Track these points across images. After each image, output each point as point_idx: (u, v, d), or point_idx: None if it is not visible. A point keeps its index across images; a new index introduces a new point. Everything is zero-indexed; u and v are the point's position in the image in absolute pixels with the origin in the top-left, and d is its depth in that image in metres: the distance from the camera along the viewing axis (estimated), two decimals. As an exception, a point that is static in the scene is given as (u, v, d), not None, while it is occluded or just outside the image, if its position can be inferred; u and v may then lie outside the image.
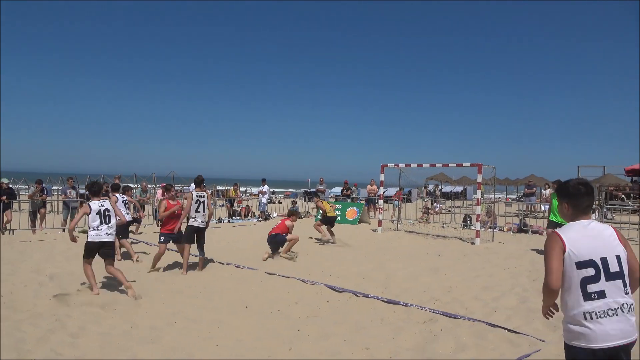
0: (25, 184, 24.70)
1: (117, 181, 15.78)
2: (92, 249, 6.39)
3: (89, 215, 6.34)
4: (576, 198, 2.51)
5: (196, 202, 8.23)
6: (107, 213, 6.42)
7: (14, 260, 8.67)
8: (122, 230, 9.32)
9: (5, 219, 12.56)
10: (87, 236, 6.42)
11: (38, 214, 13.20)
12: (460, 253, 10.40)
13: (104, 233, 6.37)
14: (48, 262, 8.60)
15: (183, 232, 8.33)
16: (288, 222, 9.71)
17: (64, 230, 13.34)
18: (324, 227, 11.81)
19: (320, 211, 12.54)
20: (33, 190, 13.68)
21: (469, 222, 15.96)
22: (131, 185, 13.38)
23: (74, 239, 6.50)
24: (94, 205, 6.37)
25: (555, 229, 2.53)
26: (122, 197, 9.73)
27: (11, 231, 12.51)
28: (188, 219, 8.24)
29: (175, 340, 4.76)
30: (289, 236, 9.57)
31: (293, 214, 10.34)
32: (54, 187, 22.59)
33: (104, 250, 6.40)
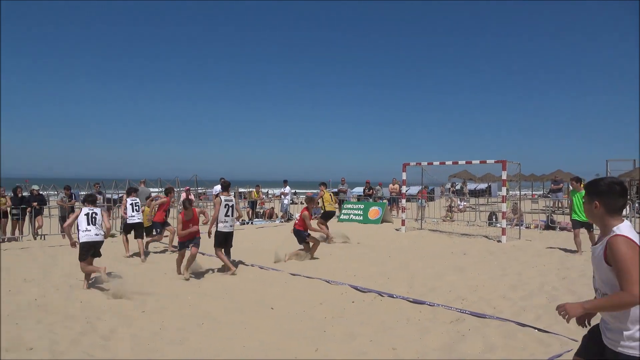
0: (55, 190, 25.38)
1: (142, 185, 16.14)
2: (87, 249, 7.05)
3: (78, 218, 7.10)
4: (609, 197, 2.38)
5: (225, 207, 8.23)
6: (94, 216, 7.14)
7: (45, 264, 8.92)
8: (129, 229, 10.05)
9: (36, 225, 12.96)
10: (78, 238, 7.02)
11: (67, 219, 13.55)
12: (486, 251, 10.23)
13: (93, 234, 7.07)
14: (78, 265, 8.78)
15: (212, 236, 8.29)
16: (304, 212, 9.54)
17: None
18: (324, 227, 11.87)
19: (325, 203, 12.57)
20: (62, 197, 14.07)
21: (494, 219, 15.69)
22: (173, 188, 13.81)
23: (71, 239, 7.34)
24: (84, 209, 7.15)
25: (619, 233, 2.30)
26: (132, 200, 10.18)
27: (42, 236, 12.89)
28: (217, 224, 8.26)
29: (202, 341, 4.81)
30: (311, 235, 9.44)
31: (308, 201, 10.12)
32: (82, 193, 23.16)
33: (94, 249, 7.15)
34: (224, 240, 8.25)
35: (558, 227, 14.02)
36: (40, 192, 14.83)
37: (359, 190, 27.17)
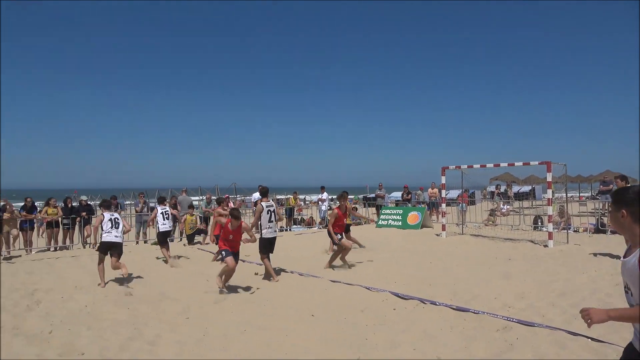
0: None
1: (184, 194, 16.55)
2: (105, 247, 8.07)
3: (103, 222, 8.13)
4: (638, 206, 2.25)
5: (267, 213, 8.27)
6: (116, 221, 8.24)
7: (94, 272, 9.24)
8: (161, 238, 10.45)
9: (85, 233, 13.50)
10: (101, 237, 8.07)
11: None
12: (532, 257, 9.88)
13: (113, 236, 8.12)
14: (126, 274, 9.08)
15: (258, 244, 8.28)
16: (333, 210, 9.22)
17: (137, 242, 14.13)
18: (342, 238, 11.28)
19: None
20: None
21: (540, 223, 15.14)
22: (227, 197, 14.23)
23: (95, 240, 8.46)
24: (107, 214, 8.25)
25: None
26: (163, 209, 10.68)
27: (91, 244, 13.40)
28: (261, 230, 8.30)
29: (245, 348, 4.85)
30: (343, 240, 9.01)
31: (339, 198, 9.51)
32: (127, 202, 24.04)
33: (113, 249, 8.08)
34: (269, 246, 8.30)
35: (609, 230, 13.36)
36: (89, 202, 15.47)
37: (397, 195, 26.88)
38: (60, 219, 13.07)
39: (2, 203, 11.37)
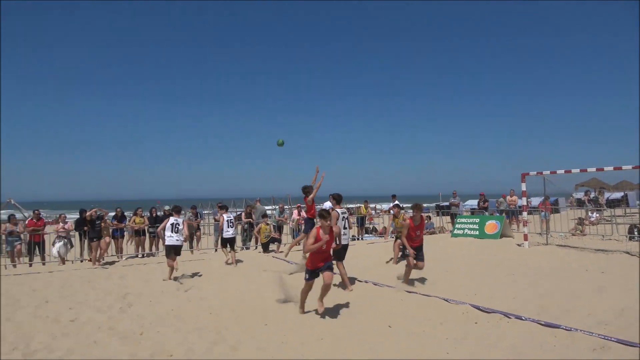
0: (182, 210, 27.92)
1: (258, 204, 17.04)
2: (169, 249, 9.52)
3: (166, 226, 9.55)
4: None
5: (342, 220, 8.27)
6: (177, 226, 9.59)
7: (176, 278, 9.77)
8: (223, 243, 11.64)
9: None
10: (165, 241, 9.65)
11: (194, 237, 14.80)
12: (629, 269, 9.02)
13: (175, 239, 9.56)
14: (205, 279, 9.51)
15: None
16: (406, 222, 8.36)
17: (216, 250, 14.73)
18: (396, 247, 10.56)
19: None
20: (189, 216, 15.43)
21: (635, 233, 13.84)
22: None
23: (163, 239, 10.04)
24: (171, 219, 9.61)
25: None
26: (228, 217, 11.60)
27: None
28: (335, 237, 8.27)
29: (323, 356, 4.85)
30: (410, 258, 8.13)
31: (413, 208, 8.31)
32: (205, 212, 25.21)
33: (173, 250, 9.50)
34: (343, 252, 8.30)
35: None
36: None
37: (472, 203, 25.86)
38: (146, 228, 13.98)
39: (99, 212, 12.33)
